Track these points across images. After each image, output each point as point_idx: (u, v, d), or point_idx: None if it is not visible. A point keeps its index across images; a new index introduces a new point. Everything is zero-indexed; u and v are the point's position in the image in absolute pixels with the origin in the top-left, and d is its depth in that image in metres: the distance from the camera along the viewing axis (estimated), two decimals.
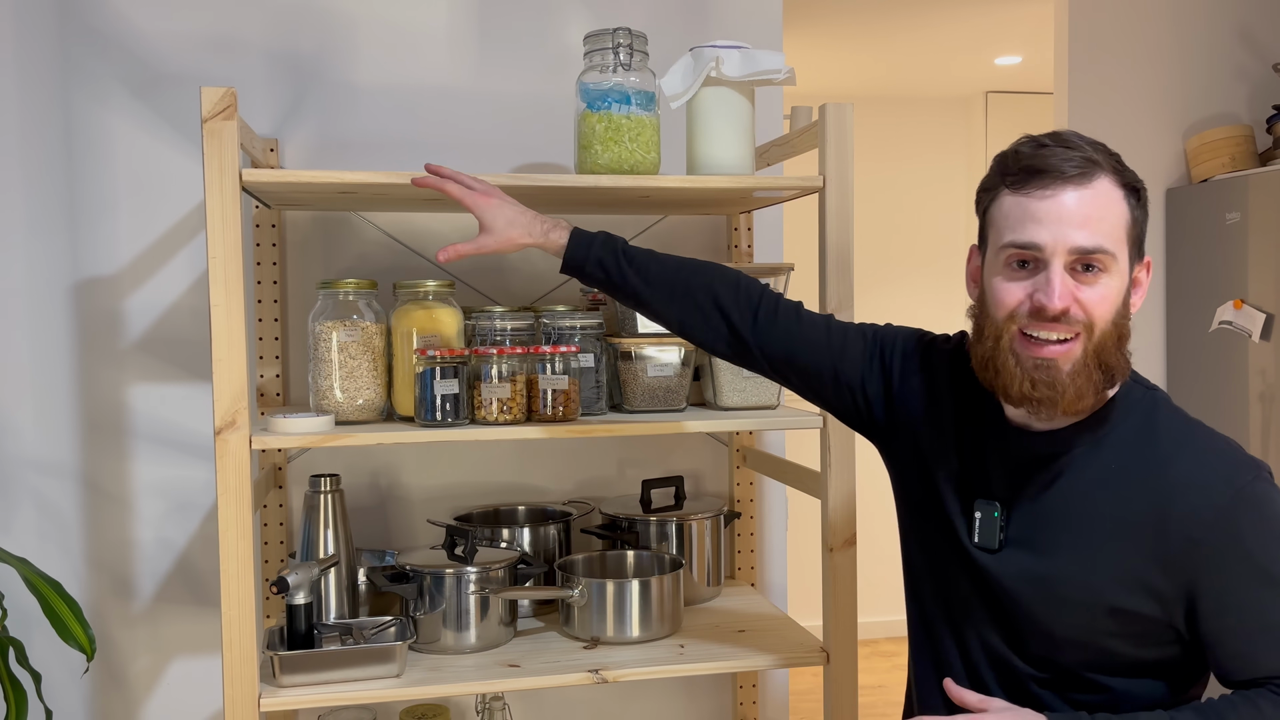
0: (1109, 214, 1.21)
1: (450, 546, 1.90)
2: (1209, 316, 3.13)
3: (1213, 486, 1.20)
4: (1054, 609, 1.25)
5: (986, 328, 1.27)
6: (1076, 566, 1.24)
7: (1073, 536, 1.25)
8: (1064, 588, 1.25)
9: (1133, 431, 1.26)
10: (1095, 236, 1.20)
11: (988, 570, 1.30)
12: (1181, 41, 3.32)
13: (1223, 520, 1.18)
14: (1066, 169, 1.21)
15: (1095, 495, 1.24)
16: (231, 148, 1.57)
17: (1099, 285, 1.21)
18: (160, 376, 2.11)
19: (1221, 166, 3.16)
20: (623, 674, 1.75)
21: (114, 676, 2.12)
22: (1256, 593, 1.18)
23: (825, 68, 4.65)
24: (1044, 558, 1.26)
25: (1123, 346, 1.24)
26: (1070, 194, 1.20)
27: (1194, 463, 1.22)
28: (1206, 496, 1.19)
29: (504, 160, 2.20)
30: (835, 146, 1.79)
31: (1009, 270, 1.24)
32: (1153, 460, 1.23)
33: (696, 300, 1.52)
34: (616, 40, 1.79)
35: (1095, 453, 1.26)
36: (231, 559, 1.61)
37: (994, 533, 1.29)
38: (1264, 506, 1.19)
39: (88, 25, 2.05)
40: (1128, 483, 1.23)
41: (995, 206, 1.28)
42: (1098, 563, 1.23)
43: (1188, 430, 1.26)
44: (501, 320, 1.89)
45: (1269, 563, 1.18)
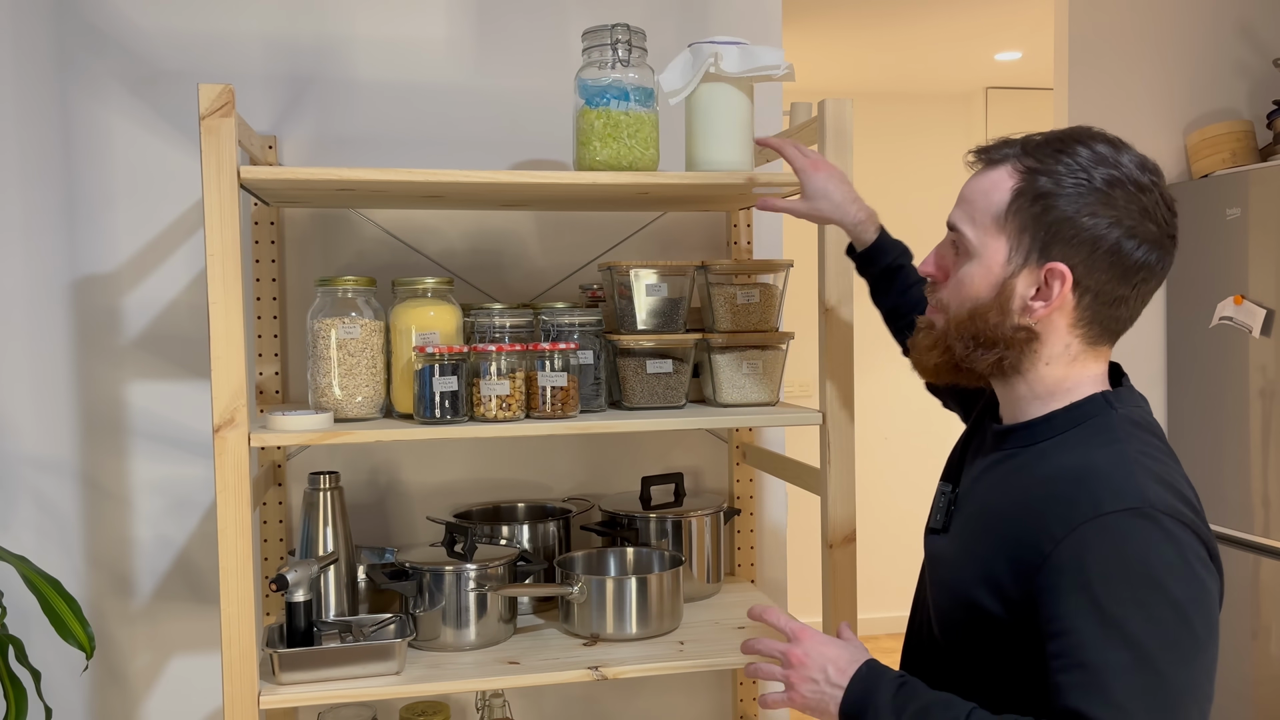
0: (983, 199, 1.22)
1: (450, 544, 1.90)
2: (1209, 312, 3.13)
3: (1079, 505, 1.12)
4: (941, 594, 1.31)
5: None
6: (956, 555, 1.28)
7: (967, 525, 1.28)
8: (945, 573, 1.30)
9: (1056, 448, 1.21)
10: (960, 216, 1.25)
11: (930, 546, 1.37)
12: (1182, 37, 3.31)
13: (1075, 542, 1.10)
14: (984, 156, 1.26)
15: (998, 494, 1.24)
16: (229, 145, 1.57)
17: (959, 267, 1.25)
18: (159, 374, 2.10)
19: (1222, 162, 3.15)
20: (622, 671, 1.75)
21: (113, 674, 2.12)
22: (1084, 626, 1.07)
23: (825, 63, 4.64)
24: (945, 543, 1.32)
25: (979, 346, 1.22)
26: (973, 175, 1.27)
27: (1079, 479, 1.14)
28: (1070, 513, 1.12)
29: (502, 156, 2.20)
30: (835, 142, 1.79)
31: None
32: (1050, 467, 1.19)
33: None
34: (615, 36, 1.79)
35: (1019, 456, 1.24)
36: (231, 556, 1.60)
37: (941, 513, 1.34)
38: (1125, 541, 1.08)
39: (85, 22, 2.05)
40: (1019, 483, 1.21)
41: None
42: (970, 554, 1.24)
43: (1099, 454, 1.16)
44: (500, 317, 1.88)
45: (1107, 600, 1.07)
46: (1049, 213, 1.18)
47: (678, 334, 1.92)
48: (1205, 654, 1.07)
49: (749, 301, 1.94)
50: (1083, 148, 1.20)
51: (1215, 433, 3.12)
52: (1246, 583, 2.98)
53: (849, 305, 1.81)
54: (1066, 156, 1.20)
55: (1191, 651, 1.06)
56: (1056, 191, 1.18)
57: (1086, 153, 1.20)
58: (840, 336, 1.81)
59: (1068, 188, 1.18)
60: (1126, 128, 3.28)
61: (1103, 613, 1.07)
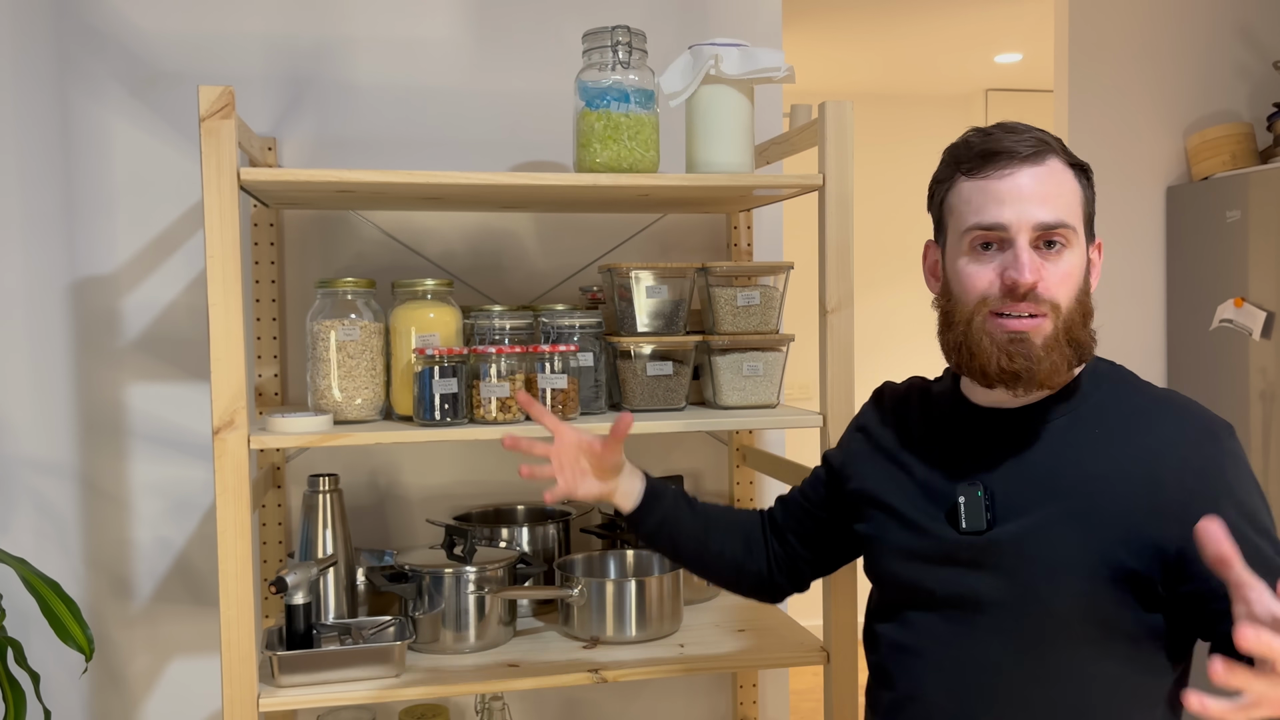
0: (1064, 190, 1.26)
1: (449, 546, 1.89)
2: (1209, 315, 3.13)
3: (1200, 442, 1.23)
4: (1055, 578, 1.23)
5: (956, 314, 1.28)
6: (1076, 529, 1.22)
7: (1066, 501, 1.24)
8: (1065, 551, 1.22)
9: (1106, 399, 1.29)
10: (1056, 211, 1.24)
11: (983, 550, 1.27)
12: (1182, 39, 3.31)
13: (1214, 470, 1.21)
14: (1020, 149, 1.24)
15: (1082, 459, 1.25)
16: (229, 147, 1.57)
17: (1062, 261, 1.25)
18: (158, 376, 2.10)
19: (1222, 164, 3.15)
20: (622, 673, 1.74)
21: (112, 677, 2.11)
22: (1251, 537, 1.17)
23: (825, 65, 4.65)
24: (1040, 526, 1.24)
25: (1088, 323, 1.27)
26: (1026, 172, 1.24)
27: (1176, 423, 1.25)
28: (1197, 450, 1.22)
29: (502, 158, 2.20)
30: (835, 144, 1.79)
31: (974, 253, 1.27)
32: (1136, 424, 1.25)
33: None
34: (615, 38, 1.79)
35: (1073, 421, 1.28)
36: (230, 559, 1.60)
37: (980, 513, 1.27)
38: (1241, 460, 1.24)
39: (85, 23, 2.05)
40: (1114, 446, 1.25)
41: (953, 194, 1.30)
42: (1097, 524, 1.22)
43: (1161, 395, 1.30)
44: (500, 319, 1.88)
45: (1254, 510, 1.20)
46: (1090, 193, 1.30)
47: (678, 336, 1.92)
48: None
49: (749, 304, 1.94)
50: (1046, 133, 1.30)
51: None
52: None
53: (849, 307, 1.81)
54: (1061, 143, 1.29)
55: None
56: (1089, 175, 1.30)
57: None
58: (840, 338, 1.81)
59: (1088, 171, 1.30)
60: (1127, 130, 3.28)
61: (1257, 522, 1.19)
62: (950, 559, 1.29)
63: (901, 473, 1.38)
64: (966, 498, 1.28)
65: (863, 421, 1.50)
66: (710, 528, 1.55)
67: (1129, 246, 3.31)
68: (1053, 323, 1.23)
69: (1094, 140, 3.27)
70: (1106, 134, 3.28)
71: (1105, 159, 3.27)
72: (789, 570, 1.55)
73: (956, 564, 1.29)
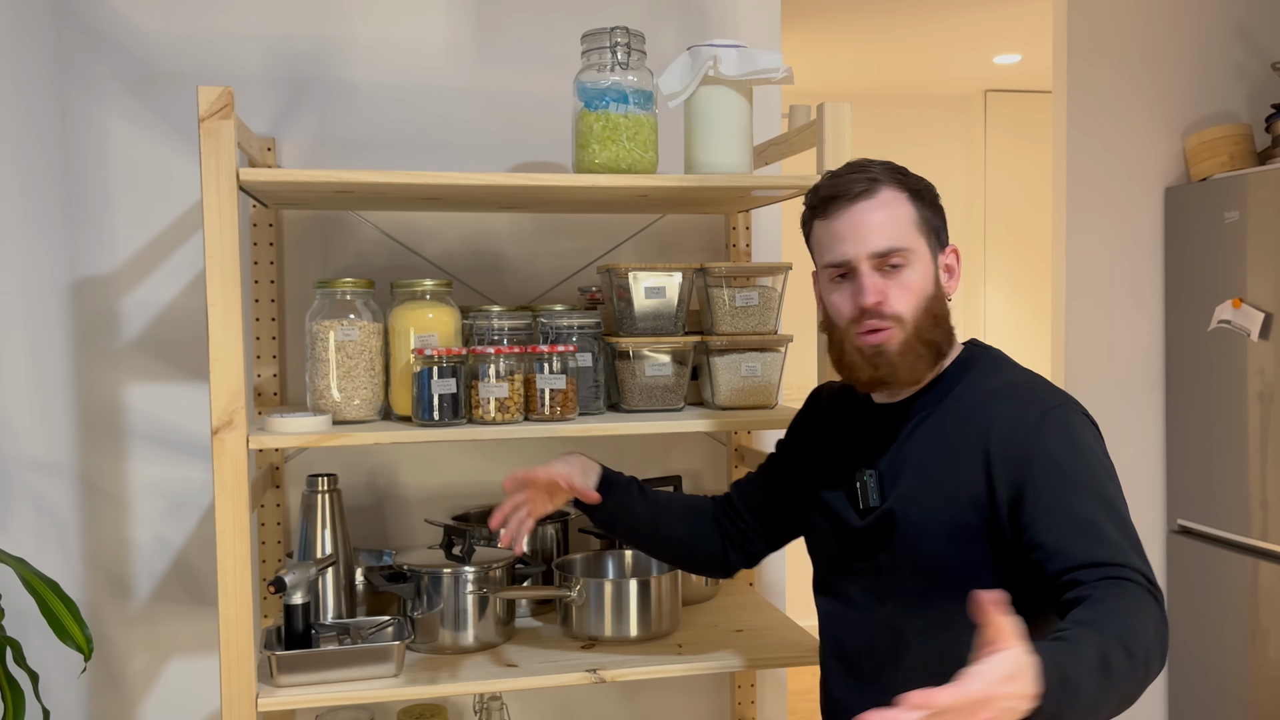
0: (897, 216, 1.43)
1: (448, 546, 1.89)
2: (1208, 315, 3.13)
3: (1025, 412, 1.39)
4: (922, 541, 1.42)
5: (833, 334, 1.49)
6: (933, 498, 1.42)
7: (926, 475, 1.44)
8: (926, 517, 1.42)
9: (966, 386, 1.46)
10: (888, 237, 1.42)
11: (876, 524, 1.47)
12: (1180, 40, 3.32)
13: (1033, 436, 1.36)
14: (853, 189, 1.43)
15: (937, 439, 1.44)
16: (229, 147, 1.57)
17: (903, 278, 1.43)
18: (157, 376, 2.10)
19: (1220, 165, 3.16)
20: (621, 674, 1.74)
21: (111, 676, 2.11)
22: (1065, 494, 1.33)
23: (823, 66, 4.65)
24: (908, 498, 1.44)
25: (941, 324, 1.45)
26: (859, 208, 1.43)
27: (1009, 397, 1.42)
28: (1020, 419, 1.38)
29: (501, 159, 2.20)
30: (833, 145, 1.79)
31: (834, 285, 1.47)
32: (978, 402, 1.44)
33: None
34: (614, 39, 1.79)
35: (936, 409, 1.46)
36: (229, 558, 1.60)
37: (870, 494, 1.48)
38: (1067, 426, 1.38)
39: (84, 23, 2.05)
40: (963, 424, 1.43)
41: (811, 236, 1.50)
42: (948, 491, 1.41)
43: (1010, 377, 1.47)
44: (499, 320, 1.89)
45: (1073, 469, 1.35)
46: (927, 208, 1.46)
47: (676, 336, 1.92)
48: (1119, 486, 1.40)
49: (747, 304, 1.94)
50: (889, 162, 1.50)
51: (1213, 436, 3.12)
52: (1244, 586, 2.98)
53: None
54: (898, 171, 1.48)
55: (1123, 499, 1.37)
56: (920, 193, 1.47)
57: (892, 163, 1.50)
58: None
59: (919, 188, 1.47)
60: (1125, 131, 3.29)
61: (1075, 479, 1.34)
62: (856, 535, 1.50)
63: (825, 463, 1.58)
64: (861, 481, 1.50)
65: (803, 414, 1.70)
66: (660, 513, 1.71)
67: (1127, 247, 3.31)
68: (902, 331, 1.42)
69: (1092, 141, 3.27)
70: (1105, 135, 3.28)
71: (1104, 160, 3.27)
72: (742, 547, 1.72)
73: (860, 538, 1.50)
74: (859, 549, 1.50)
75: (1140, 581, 1.26)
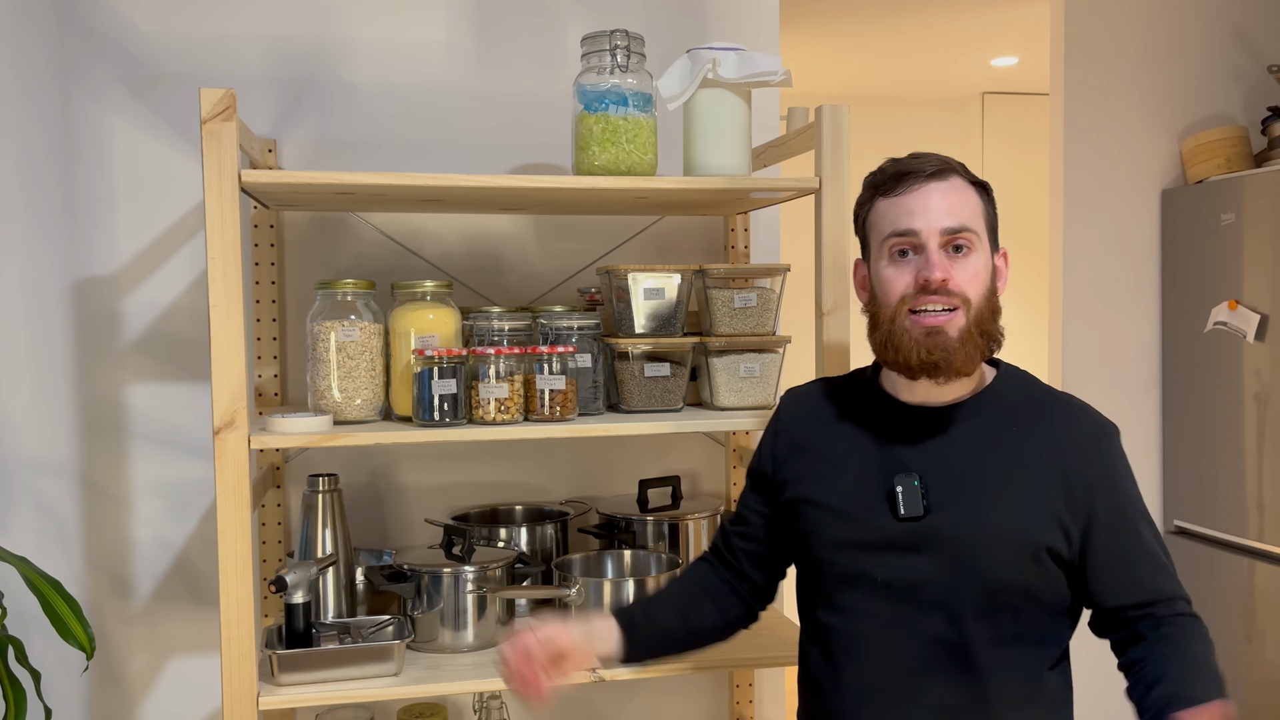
0: (967, 202, 1.43)
1: (448, 546, 1.90)
2: (1204, 317, 3.14)
3: (1097, 437, 1.44)
4: (987, 555, 1.38)
5: (880, 315, 1.44)
6: (1001, 513, 1.39)
7: (991, 488, 1.40)
8: (994, 532, 1.38)
9: (1015, 398, 1.47)
10: (959, 218, 1.41)
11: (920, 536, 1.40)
12: (1177, 43, 3.33)
13: (1107, 462, 1.42)
14: (926, 168, 1.43)
15: (1002, 451, 1.42)
16: (231, 149, 1.58)
17: (969, 262, 1.41)
18: (159, 376, 2.11)
19: (1217, 168, 3.17)
20: (620, 672, 1.75)
21: (112, 675, 2.12)
22: (1134, 522, 1.41)
23: (822, 69, 4.66)
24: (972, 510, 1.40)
25: (997, 319, 1.44)
26: (932, 187, 1.42)
27: (1075, 419, 1.45)
28: (1094, 445, 1.43)
29: (501, 161, 2.21)
30: (831, 148, 1.80)
31: (893, 260, 1.43)
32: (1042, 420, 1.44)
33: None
34: (614, 42, 1.80)
35: (989, 417, 1.44)
36: (230, 558, 1.61)
37: (917, 500, 1.40)
38: (1124, 458, 1.46)
39: (86, 25, 2.06)
40: (1026, 439, 1.43)
41: (873, 213, 1.47)
42: (1018, 507, 1.39)
43: (1060, 396, 1.49)
44: (499, 320, 1.89)
45: (1136, 497, 1.43)
46: (994, 210, 1.48)
47: (675, 337, 1.93)
48: None
49: (746, 305, 1.95)
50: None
51: (1209, 437, 3.13)
52: (1240, 587, 2.99)
53: (845, 310, 1.82)
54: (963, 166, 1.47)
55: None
56: (989, 193, 1.48)
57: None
58: (836, 340, 1.82)
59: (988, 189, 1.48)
60: (1122, 133, 3.30)
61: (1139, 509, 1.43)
62: (890, 544, 1.41)
63: (829, 467, 1.49)
64: (904, 487, 1.41)
65: (779, 427, 1.58)
66: (682, 615, 1.57)
67: (1124, 249, 3.32)
68: (964, 315, 1.40)
69: (1089, 143, 3.28)
70: (1102, 137, 3.29)
71: (1100, 162, 3.28)
72: (760, 595, 1.63)
73: (896, 549, 1.41)
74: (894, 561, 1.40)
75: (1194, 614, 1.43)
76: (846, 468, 1.47)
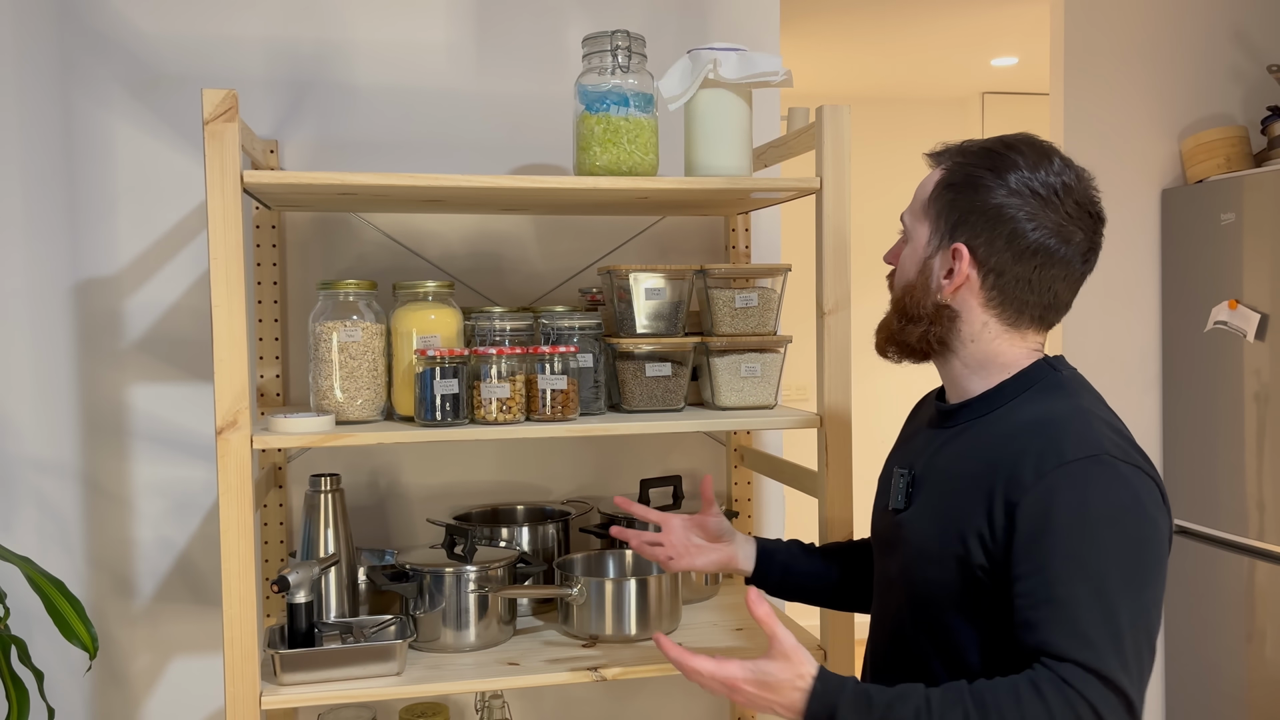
0: (920, 190, 1.42)
1: (450, 545, 1.91)
2: (1204, 317, 3.15)
3: (1044, 456, 1.24)
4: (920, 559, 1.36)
5: None
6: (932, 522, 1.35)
7: (936, 493, 1.37)
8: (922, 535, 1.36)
9: (1009, 410, 1.35)
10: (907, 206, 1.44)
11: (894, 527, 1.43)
12: (1177, 43, 3.33)
13: (1040, 489, 1.22)
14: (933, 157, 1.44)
15: (965, 460, 1.35)
16: (233, 149, 1.58)
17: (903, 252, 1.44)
18: (161, 376, 2.12)
19: (1217, 167, 3.17)
20: (621, 672, 1.76)
21: (115, 675, 2.12)
22: (1053, 565, 1.19)
23: (822, 69, 4.66)
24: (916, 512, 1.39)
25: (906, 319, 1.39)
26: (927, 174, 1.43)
27: (1039, 433, 1.27)
28: (1036, 464, 1.24)
29: (502, 161, 2.22)
30: (832, 148, 1.80)
31: None
32: (1011, 424, 1.32)
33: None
34: (615, 42, 1.80)
35: (978, 425, 1.37)
36: (233, 558, 1.62)
37: (900, 494, 1.43)
38: (1085, 486, 1.21)
39: (88, 26, 2.06)
40: (988, 451, 1.32)
41: None
42: (947, 515, 1.33)
43: (1055, 409, 1.30)
44: (500, 320, 1.90)
45: (1072, 541, 1.19)
46: (960, 199, 1.34)
47: (676, 337, 1.94)
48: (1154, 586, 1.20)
49: (747, 305, 1.96)
50: (1011, 151, 1.34)
51: (1210, 437, 3.13)
52: (1240, 586, 2.99)
53: (846, 309, 1.83)
54: (992, 156, 1.35)
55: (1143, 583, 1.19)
56: (969, 182, 1.34)
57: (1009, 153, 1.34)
58: (838, 340, 1.83)
59: (980, 179, 1.33)
60: (1122, 133, 3.30)
61: (1066, 553, 1.19)
62: (882, 532, 1.49)
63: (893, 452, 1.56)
64: (894, 480, 1.46)
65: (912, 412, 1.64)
66: (832, 565, 1.68)
67: (1124, 249, 3.33)
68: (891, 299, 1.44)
69: (1089, 143, 3.28)
70: (1102, 137, 3.29)
71: (1100, 162, 3.28)
72: None
73: (883, 536, 1.49)
74: (882, 548, 1.50)
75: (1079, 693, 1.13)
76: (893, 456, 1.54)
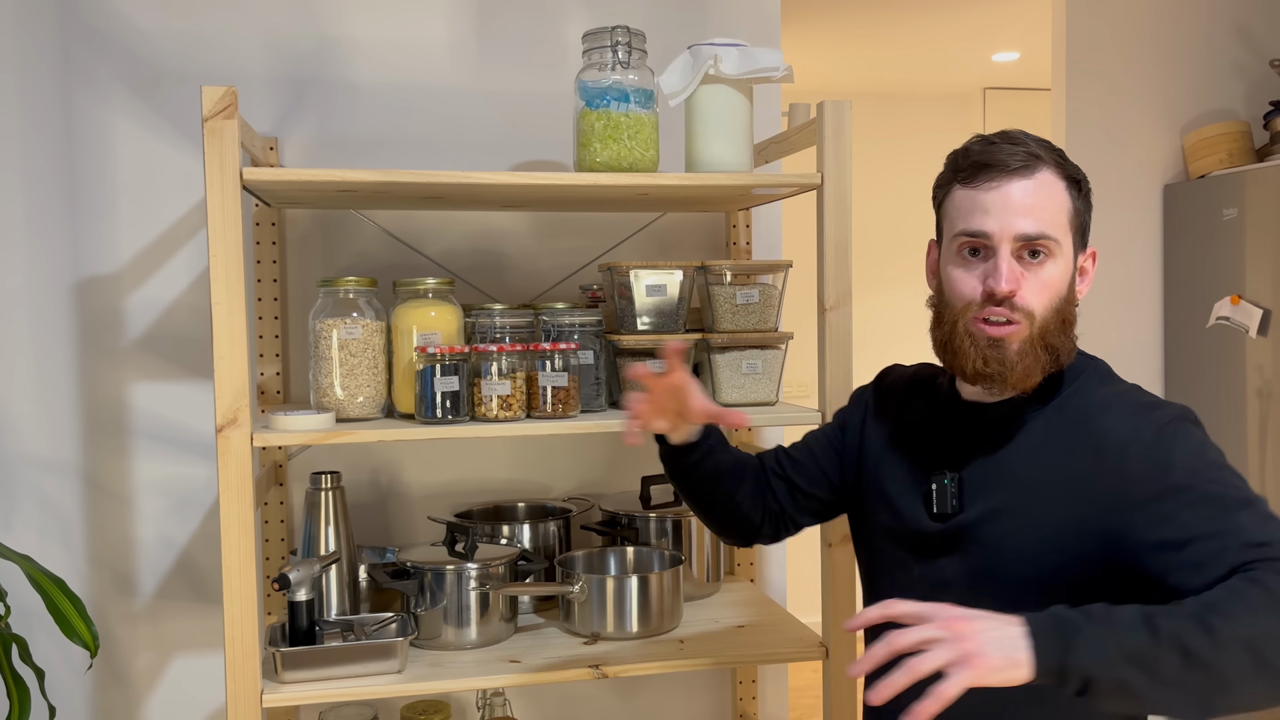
0: (1051, 203, 1.31)
1: (451, 543, 1.91)
2: (1206, 312, 3.14)
3: (1139, 429, 1.28)
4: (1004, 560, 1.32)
5: (945, 314, 1.37)
6: (1022, 515, 1.31)
7: (1017, 489, 1.33)
8: (1013, 536, 1.31)
9: (1074, 396, 1.35)
10: (1039, 224, 1.30)
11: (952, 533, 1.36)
12: (1179, 38, 3.32)
13: (1150, 454, 1.25)
14: (1011, 162, 1.31)
15: (1041, 453, 1.33)
16: (232, 147, 1.58)
17: (1042, 271, 1.31)
18: (161, 374, 2.11)
19: (1219, 162, 3.17)
20: (623, 669, 1.76)
21: (115, 674, 2.12)
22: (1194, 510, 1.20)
23: (823, 64, 4.66)
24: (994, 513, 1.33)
25: (1067, 331, 1.34)
26: (1015, 185, 1.30)
27: (1121, 415, 1.30)
28: (1136, 437, 1.27)
29: (503, 158, 2.21)
30: (833, 144, 1.80)
31: (962, 259, 1.34)
32: (1087, 418, 1.32)
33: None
34: (615, 38, 1.80)
35: (1042, 418, 1.35)
36: (233, 556, 1.61)
37: (947, 500, 1.37)
38: (1188, 439, 1.27)
39: (88, 24, 2.06)
40: (1067, 437, 1.32)
41: (948, 201, 1.37)
42: (1041, 510, 1.30)
43: (1120, 392, 1.35)
44: (501, 317, 1.89)
45: (1199, 483, 1.22)
46: (1084, 202, 1.35)
47: (677, 334, 1.93)
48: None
49: (748, 302, 1.95)
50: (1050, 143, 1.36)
51: (1212, 432, 3.11)
52: None
53: (847, 305, 1.82)
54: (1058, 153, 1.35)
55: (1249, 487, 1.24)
56: (1076, 183, 1.34)
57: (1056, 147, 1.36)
58: (839, 336, 1.82)
59: (1082, 180, 1.35)
60: (1124, 128, 3.29)
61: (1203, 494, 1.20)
62: (924, 542, 1.40)
63: (894, 457, 1.47)
64: (937, 485, 1.39)
65: (866, 399, 1.58)
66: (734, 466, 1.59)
67: (1126, 244, 3.32)
68: (1028, 329, 1.31)
69: (1091, 138, 3.28)
70: (1104, 132, 3.29)
71: (1102, 157, 3.28)
72: (777, 520, 1.61)
73: (928, 546, 1.39)
74: (925, 555, 1.40)
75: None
76: (904, 459, 1.46)
